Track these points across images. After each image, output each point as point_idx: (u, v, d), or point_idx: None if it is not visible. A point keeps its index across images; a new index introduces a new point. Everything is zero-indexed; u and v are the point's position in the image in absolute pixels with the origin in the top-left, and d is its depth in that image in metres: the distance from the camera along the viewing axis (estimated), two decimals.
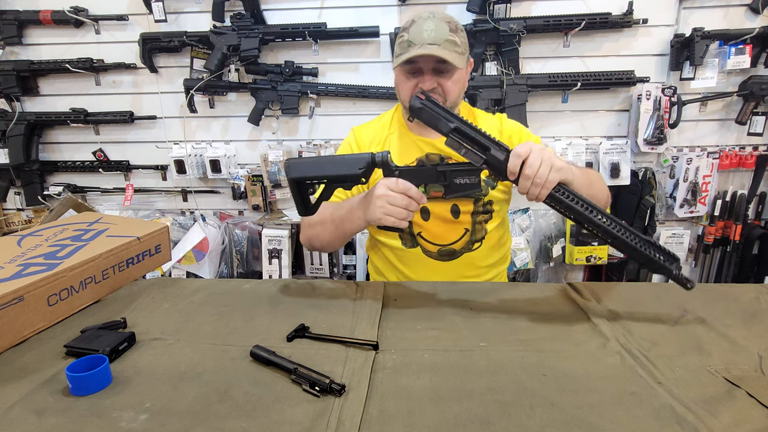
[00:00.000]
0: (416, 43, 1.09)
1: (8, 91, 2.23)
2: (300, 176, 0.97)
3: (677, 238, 2.21)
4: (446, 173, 0.94)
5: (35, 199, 2.38)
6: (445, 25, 1.11)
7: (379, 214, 0.96)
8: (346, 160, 0.98)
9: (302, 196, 1.00)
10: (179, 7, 2.13)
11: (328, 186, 0.99)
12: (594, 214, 0.88)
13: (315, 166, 0.98)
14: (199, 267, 2.22)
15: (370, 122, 1.36)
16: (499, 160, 0.89)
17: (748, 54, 1.95)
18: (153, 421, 0.65)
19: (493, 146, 0.90)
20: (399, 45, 1.14)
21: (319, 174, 0.97)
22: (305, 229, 1.22)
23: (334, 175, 0.97)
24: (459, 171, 0.93)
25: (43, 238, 1.09)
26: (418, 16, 1.13)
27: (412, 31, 1.11)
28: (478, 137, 0.90)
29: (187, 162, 2.26)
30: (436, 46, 1.08)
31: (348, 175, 0.96)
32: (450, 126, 0.90)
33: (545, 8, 2.01)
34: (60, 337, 0.87)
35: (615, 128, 2.16)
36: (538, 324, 0.90)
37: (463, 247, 1.25)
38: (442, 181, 0.94)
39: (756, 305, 0.95)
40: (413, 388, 0.71)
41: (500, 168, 0.90)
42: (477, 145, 0.90)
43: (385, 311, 0.96)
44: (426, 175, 0.95)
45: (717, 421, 0.62)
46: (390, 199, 0.95)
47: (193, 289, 1.07)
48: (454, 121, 0.90)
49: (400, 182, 0.95)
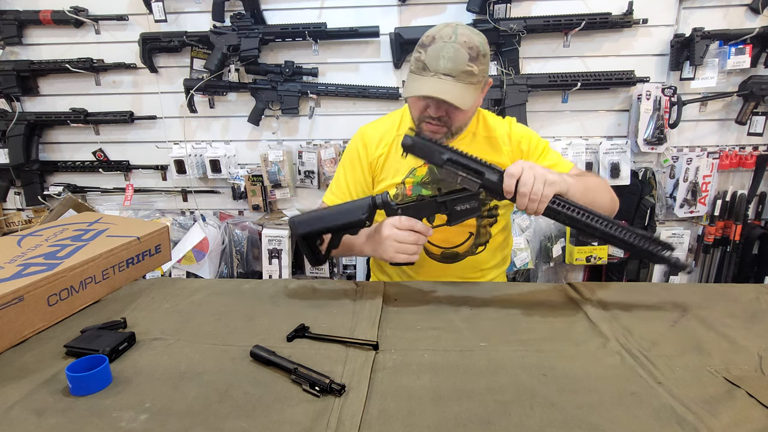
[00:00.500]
0: (431, 69, 1.04)
1: (8, 91, 2.22)
2: (306, 232, 1.01)
3: (677, 238, 2.21)
4: (446, 203, 0.98)
5: (35, 199, 2.37)
6: (464, 53, 1.03)
7: (390, 254, 0.99)
8: (348, 208, 1.01)
9: (311, 248, 1.04)
10: (179, 7, 2.13)
11: (334, 235, 1.02)
12: (591, 219, 0.91)
13: (319, 220, 1.01)
14: (199, 267, 2.22)
15: (379, 120, 1.33)
16: (494, 182, 0.94)
17: (748, 54, 1.95)
18: (153, 421, 0.65)
19: (487, 170, 0.94)
20: (415, 61, 1.08)
21: (325, 227, 1.01)
22: None
23: (338, 225, 1.00)
24: (458, 199, 0.98)
25: (43, 238, 1.09)
26: (439, 36, 1.05)
27: (430, 52, 1.04)
28: (471, 164, 0.94)
29: (187, 162, 2.26)
30: (450, 78, 1.03)
31: (352, 222, 1.00)
32: (443, 158, 0.94)
33: (545, 8, 2.01)
34: (60, 337, 0.87)
35: (615, 128, 2.16)
36: (538, 324, 0.90)
37: (467, 251, 1.25)
38: (444, 210, 0.99)
39: (756, 305, 0.95)
40: (413, 388, 0.71)
41: (496, 189, 0.94)
42: (471, 171, 0.94)
43: (385, 311, 0.96)
44: (427, 208, 0.99)
45: (717, 421, 0.62)
46: (398, 237, 0.98)
47: (193, 289, 1.07)
48: (446, 153, 0.94)
49: (404, 219, 0.98)
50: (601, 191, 1.15)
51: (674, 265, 0.93)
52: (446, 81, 1.03)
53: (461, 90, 1.04)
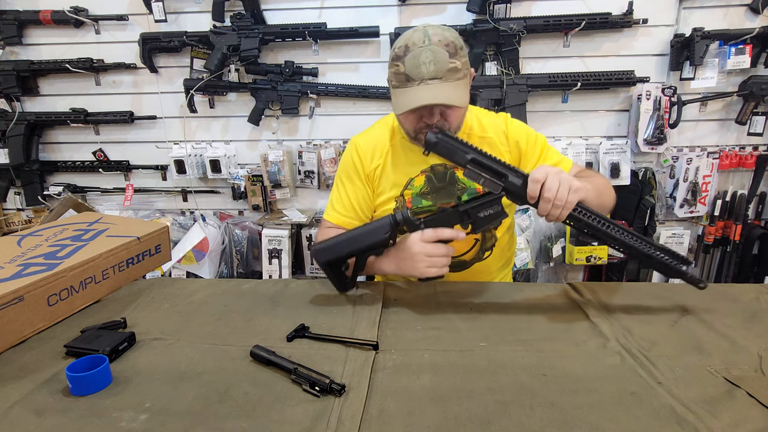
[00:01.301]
0: (415, 79, 1.00)
1: (8, 91, 2.22)
2: (330, 259, 1.00)
3: (677, 238, 2.21)
4: (468, 211, 0.96)
5: (35, 199, 2.37)
6: (443, 52, 0.99)
7: (421, 270, 0.98)
8: (369, 229, 1.00)
9: (337, 275, 1.03)
10: (179, 7, 2.13)
11: (359, 258, 1.01)
12: (611, 228, 0.91)
13: (341, 245, 1.00)
14: (199, 267, 2.22)
15: (369, 130, 1.28)
16: (518, 186, 0.91)
17: (748, 54, 1.95)
18: (153, 421, 0.65)
19: (510, 173, 0.92)
20: (395, 74, 1.04)
21: (348, 252, 1.00)
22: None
23: (362, 247, 0.99)
24: (480, 205, 0.95)
25: (43, 238, 1.09)
26: (411, 43, 1.01)
27: (408, 62, 1.00)
28: (494, 166, 0.92)
29: (187, 162, 2.25)
30: (437, 81, 1.00)
31: (376, 243, 0.98)
32: (467, 158, 0.92)
33: (545, 8, 2.01)
34: (60, 337, 0.87)
35: (615, 128, 2.16)
36: (538, 324, 0.90)
37: (473, 258, 1.24)
38: (467, 219, 0.97)
39: (756, 305, 0.95)
40: (413, 388, 0.71)
41: (519, 193, 0.92)
42: (494, 173, 0.92)
43: (384, 311, 0.96)
44: (450, 219, 0.97)
45: (717, 421, 0.62)
46: (429, 252, 0.97)
47: (193, 289, 1.07)
48: (470, 153, 0.92)
49: (430, 232, 0.97)
50: (607, 192, 1.14)
51: (689, 280, 0.92)
52: (435, 85, 1.00)
53: (452, 89, 1.01)
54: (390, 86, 1.09)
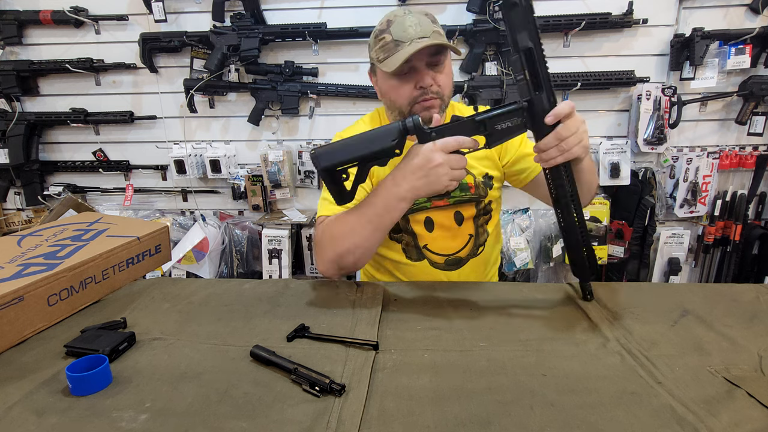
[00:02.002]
0: (404, 41, 1.02)
1: (8, 91, 2.23)
2: (331, 164, 0.91)
3: (677, 238, 2.21)
4: (485, 122, 0.87)
5: (35, 199, 2.37)
6: (426, 18, 1.05)
7: (446, 183, 0.90)
8: (375, 135, 0.91)
9: (337, 185, 0.93)
10: (179, 7, 2.13)
11: (361, 167, 0.92)
12: (574, 205, 0.90)
13: (344, 150, 0.91)
14: (199, 267, 2.22)
15: (354, 126, 1.27)
16: (543, 107, 0.84)
17: (748, 54, 1.95)
18: (153, 421, 0.65)
19: (546, 92, 0.83)
20: (382, 48, 1.06)
21: (350, 157, 0.90)
22: (330, 246, 1.04)
23: (366, 153, 0.90)
24: (499, 116, 0.86)
25: (43, 238, 1.09)
26: (393, 16, 1.06)
27: (395, 29, 1.04)
28: (542, 72, 0.83)
29: (187, 162, 2.26)
30: (426, 39, 1.02)
31: (381, 150, 0.89)
32: (529, 44, 0.81)
33: (545, 8, 2.01)
34: (60, 337, 0.86)
35: (615, 128, 2.16)
36: (538, 324, 0.90)
37: (469, 253, 1.24)
38: (483, 131, 0.87)
39: (756, 305, 0.95)
40: (413, 388, 0.71)
41: (539, 116, 0.84)
42: (535, 79, 0.83)
43: (384, 311, 0.96)
44: (464, 129, 0.88)
45: (717, 421, 0.62)
46: (452, 162, 0.89)
47: (193, 289, 1.07)
48: (534, 42, 0.81)
49: (449, 140, 0.88)
50: (596, 179, 1.15)
51: (583, 287, 0.97)
52: (424, 41, 1.01)
53: (445, 41, 1.04)
54: (377, 65, 1.08)
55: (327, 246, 1.04)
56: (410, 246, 1.22)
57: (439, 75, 1.08)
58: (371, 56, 1.12)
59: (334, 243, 1.03)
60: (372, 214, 0.99)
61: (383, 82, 1.12)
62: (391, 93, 1.11)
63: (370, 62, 1.16)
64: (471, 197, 1.20)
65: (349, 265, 1.04)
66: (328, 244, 1.04)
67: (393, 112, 1.16)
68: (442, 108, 1.10)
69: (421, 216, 1.20)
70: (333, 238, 1.03)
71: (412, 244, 1.22)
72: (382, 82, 1.12)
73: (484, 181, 1.21)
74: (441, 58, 1.07)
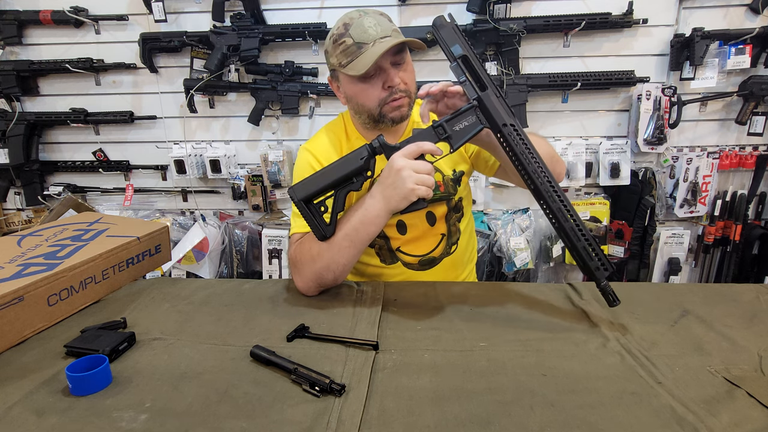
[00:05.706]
0: (367, 42, 1.01)
1: (8, 91, 2.22)
2: (306, 195, 0.96)
3: (677, 238, 2.21)
4: (443, 125, 0.92)
5: (35, 199, 2.37)
6: (383, 17, 1.05)
7: (411, 187, 0.90)
8: (345, 159, 0.96)
9: (315, 217, 0.97)
10: (179, 7, 2.13)
11: (337, 195, 0.97)
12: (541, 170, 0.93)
13: (316, 180, 0.96)
14: (199, 267, 2.22)
15: (319, 135, 1.23)
16: (492, 103, 0.91)
17: (748, 54, 1.95)
18: (153, 421, 0.65)
19: (491, 88, 0.91)
20: (344, 53, 1.04)
21: (323, 185, 0.95)
22: (307, 265, 1.02)
23: (338, 178, 0.95)
24: (454, 118, 0.93)
25: (43, 238, 1.09)
26: (349, 18, 1.04)
27: (354, 32, 1.02)
28: (482, 74, 0.91)
29: (187, 162, 2.26)
30: (389, 38, 1.02)
31: (351, 172, 0.94)
32: (461, 52, 0.90)
33: (545, 8, 2.01)
34: (60, 337, 0.87)
35: (615, 128, 2.16)
36: (538, 324, 0.90)
37: (442, 253, 1.24)
38: (443, 134, 0.92)
39: (756, 305, 0.95)
40: (413, 388, 0.71)
41: (489, 111, 0.91)
42: (477, 80, 0.91)
43: (384, 311, 0.96)
44: (425, 137, 0.93)
45: (717, 421, 0.62)
46: (415, 167, 0.91)
47: (193, 289, 1.07)
48: (468, 50, 0.91)
49: (411, 146, 0.92)
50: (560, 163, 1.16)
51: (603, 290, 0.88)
52: (387, 40, 1.02)
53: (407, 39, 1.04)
54: (340, 71, 1.07)
55: (305, 265, 1.03)
56: (384, 249, 1.23)
57: (404, 73, 1.08)
58: (331, 62, 1.10)
59: (313, 261, 1.01)
60: (349, 228, 0.99)
61: (348, 86, 1.10)
62: (359, 96, 1.09)
63: (329, 69, 1.14)
64: (441, 195, 1.21)
65: (328, 282, 1.03)
66: (305, 263, 1.03)
67: (361, 116, 1.13)
68: (410, 105, 1.11)
69: (393, 220, 1.20)
70: (310, 256, 1.02)
71: (385, 247, 1.22)
72: (347, 86, 1.10)
73: (453, 178, 1.21)
74: (404, 56, 1.08)
